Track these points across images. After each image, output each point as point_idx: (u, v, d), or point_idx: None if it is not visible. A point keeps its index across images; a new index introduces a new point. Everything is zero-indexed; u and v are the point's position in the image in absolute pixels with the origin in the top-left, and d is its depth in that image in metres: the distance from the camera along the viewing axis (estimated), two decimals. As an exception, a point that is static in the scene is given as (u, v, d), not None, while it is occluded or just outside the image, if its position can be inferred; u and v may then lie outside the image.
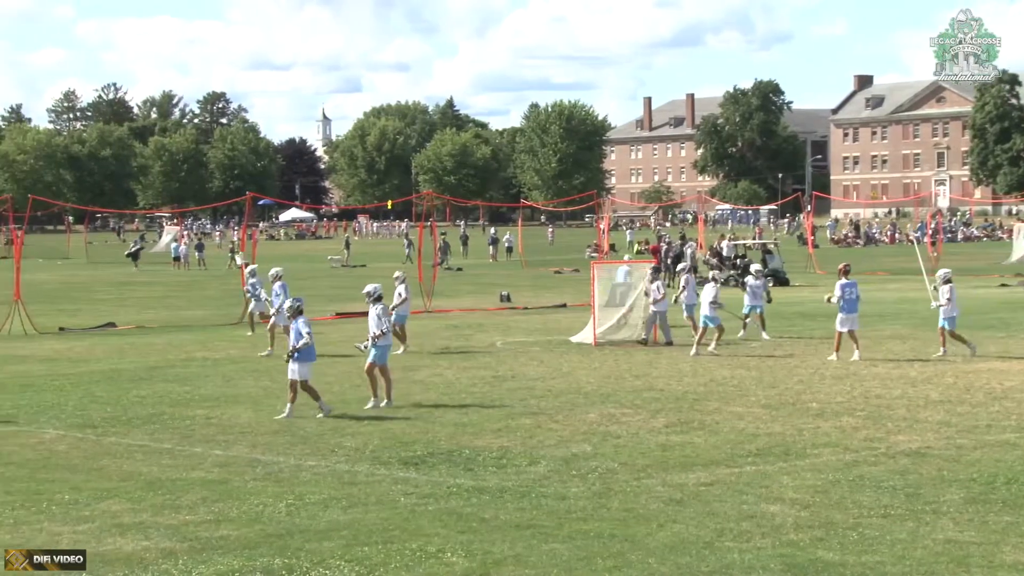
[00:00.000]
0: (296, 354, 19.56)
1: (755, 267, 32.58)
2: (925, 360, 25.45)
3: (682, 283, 30.78)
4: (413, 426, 18.77)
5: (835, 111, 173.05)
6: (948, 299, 25.98)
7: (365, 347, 20.99)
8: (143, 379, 24.46)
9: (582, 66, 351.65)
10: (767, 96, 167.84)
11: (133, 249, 74.53)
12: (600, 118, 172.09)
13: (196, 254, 71.95)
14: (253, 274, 32.68)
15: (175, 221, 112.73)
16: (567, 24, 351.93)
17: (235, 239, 76.78)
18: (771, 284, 50.04)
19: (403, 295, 28.05)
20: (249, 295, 31.48)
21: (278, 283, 28.57)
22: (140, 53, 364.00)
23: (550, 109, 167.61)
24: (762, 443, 17.14)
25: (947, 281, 26.36)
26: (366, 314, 37.44)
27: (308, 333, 19.69)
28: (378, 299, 21.25)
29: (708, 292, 27.55)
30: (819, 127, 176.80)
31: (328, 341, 29.25)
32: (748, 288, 30.71)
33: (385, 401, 20.57)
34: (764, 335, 29.89)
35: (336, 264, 70.48)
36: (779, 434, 17.78)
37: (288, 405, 19.69)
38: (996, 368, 24.31)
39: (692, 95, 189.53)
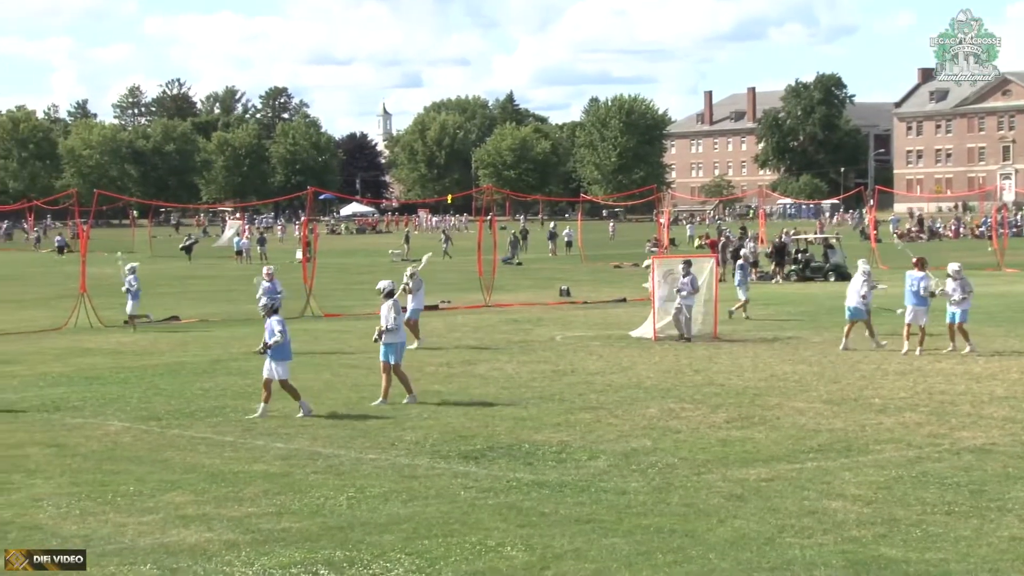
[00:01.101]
0: (271, 352, 19.46)
1: (864, 265, 31.58)
2: (989, 356, 25.15)
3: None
4: (473, 420, 18.80)
5: (898, 104, 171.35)
6: (969, 292, 25.76)
7: (377, 338, 20.69)
8: (206, 372, 24.67)
9: (642, 60, 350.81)
10: (829, 90, 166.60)
11: (187, 243, 75.32)
12: (660, 112, 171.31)
13: (258, 248, 72.46)
14: (132, 271, 32.99)
15: (237, 215, 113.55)
16: (627, 18, 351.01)
17: (296, 234, 77.35)
18: (833, 279, 49.75)
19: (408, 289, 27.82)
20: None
21: (266, 282, 28.30)
22: (203, 49, 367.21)
23: (610, 103, 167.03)
24: (823, 439, 17.03)
25: (958, 274, 26.06)
26: (425, 308, 37.62)
27: (281, 332, 19.55)
28: (389, 295, 20.89)
29: (857, 285, 26.90)
30: (882, 121, 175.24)
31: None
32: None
33: (381, 400, 20.25)
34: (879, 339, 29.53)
35: (396, 258, 70.71)
36: (841, 430, 17.65)
37: (261, 404, 19.47)
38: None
39: (753, 89, 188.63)
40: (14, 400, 21.45)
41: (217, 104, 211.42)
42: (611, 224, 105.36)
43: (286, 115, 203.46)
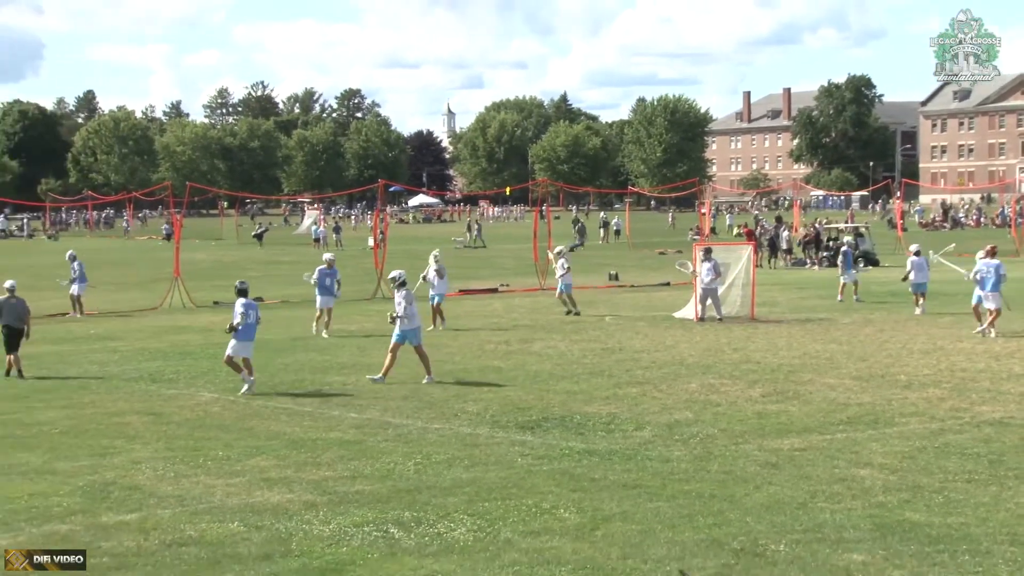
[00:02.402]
0: (235, 330, 19.25)
1: (914, 246, 31.67)
2: (1009, 336, 24.83)
3: (559, 267, 30.63)
4: (529, 393, 18.82)
5: (924, 103, 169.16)
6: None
7: (394, 319, 20.16)
8: (286, 349, 24.85)
9: (686, 63, 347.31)
10: (859, 90, 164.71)
11: (258, 231, 76.75)
12: (702, 111, 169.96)
13: (334, 236, 72.79)
14: (73, 258, 32.96)
15: (315, 206, 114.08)
16: (673, 24, 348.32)
17: (368, 223, 77.55)
18: (862, 265, 49.28)
19: (430, 278, 27.88)
20: None
21: (322, 267, 27.81)
22: (285, 54, 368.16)
23: (656, 103, 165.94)
24: (853, 412, 16.90)
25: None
26: (485, 291, 37.70)
27: (241, 314, 19.31)
28: (402, 284, 20.49)
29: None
30: (909, 118, 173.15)
31: (451, 315, 29.40)
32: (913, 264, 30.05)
33: (380, 376, 19.92)
34: (918, 310, 29.71)
35: (459, 245, 70.87)
36: (869, 404, 17.51)
37: (248, 379, 19.29)
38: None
39: (789, 89, 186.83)
40: (116, 372, 21.75)
41: (297, 104, 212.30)
42: (670, 214, 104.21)
43: (359, 114, 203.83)
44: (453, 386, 19.59)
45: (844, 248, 35.36)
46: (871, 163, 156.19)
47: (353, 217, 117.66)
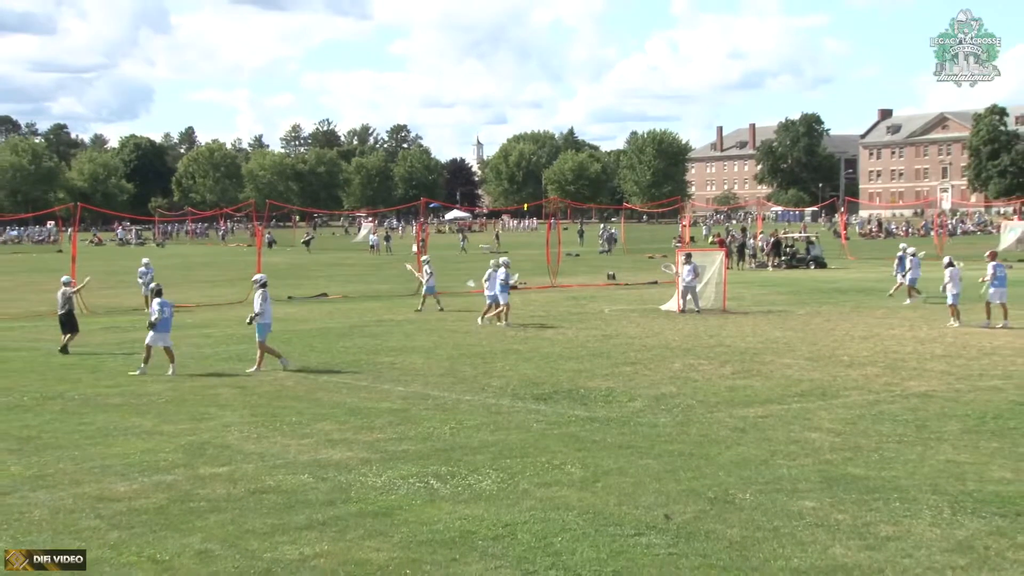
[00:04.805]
0: (154, 325, 18.98)
1: (911, 248, 31.79)
2: (933, 325, 24.65)
3: (424, 273, 28.68)
4: (542, 371, 18.79)
5: (863, 136, 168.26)
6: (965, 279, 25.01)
7: (250, 321, 19.62)
8: (346, 334, 24.86)
9: (671, 103, 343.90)
10: (811, 125, 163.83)
11: (306, 239, 77.18)
12: (683, 142, 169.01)
13: (385, 243, 72.81)
14: (146, 271, 32.62)
15: (370, 219, 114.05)
16: (660, 71, 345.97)
17: (412, 233, 77.52)
18: (813, 267, 48.99)
19: (497, 278, 26.80)
20: None
21: (498, 270, 26.62)
22: (346, 96, 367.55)
23: (646, 135, 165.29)
24: (805, 387, 16.82)
25: (951, 264, 25.39)
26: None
27: (158, 311, 18.95)
28: (263, 285, 19.86)
29: (946, 278, 25.11)
30: (850, 148, 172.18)
31: (478, 308, 29.34)
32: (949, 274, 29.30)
33: (255, 368, 19.00)
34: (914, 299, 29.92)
35: (486, 250, 70.75)
36: (818, 380, 17.43)
37: (171, 366, 18.96)
38: (987, 332, 23.46)
39: (754, 124, 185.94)
40: (210, 354, 21.80)
41: (356, 137, 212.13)
42: (682, 223, 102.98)
43: (406, 145, 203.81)
44: (481, 364, 19.56)
45: (900, 254, 32.34)
46: (820, 184, 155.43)
47: (400, 228, 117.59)
